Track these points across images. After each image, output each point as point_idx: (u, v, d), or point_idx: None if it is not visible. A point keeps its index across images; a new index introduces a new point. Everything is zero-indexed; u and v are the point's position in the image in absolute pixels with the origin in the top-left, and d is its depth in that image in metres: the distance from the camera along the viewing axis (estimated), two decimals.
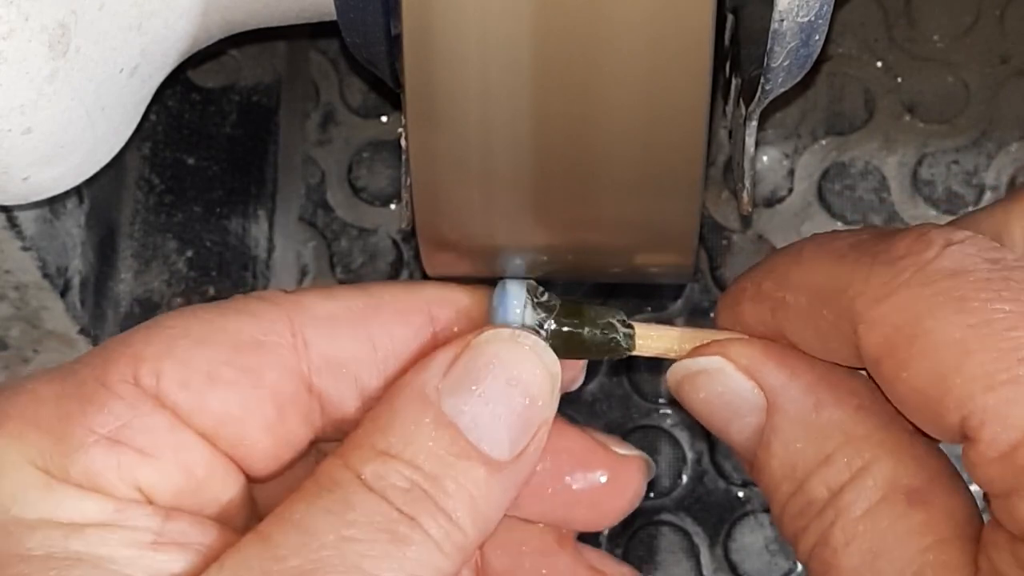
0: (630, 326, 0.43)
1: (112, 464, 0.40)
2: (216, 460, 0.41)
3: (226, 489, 0.42)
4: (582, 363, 0.45)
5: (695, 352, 0.43)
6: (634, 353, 0.44)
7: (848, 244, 0.41)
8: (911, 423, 0.40)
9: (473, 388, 0.40)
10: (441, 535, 0.39)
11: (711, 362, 0.42)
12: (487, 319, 0.43)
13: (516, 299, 0.42)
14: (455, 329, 0.43)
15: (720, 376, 0.42)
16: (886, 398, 0.40)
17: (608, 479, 0.45)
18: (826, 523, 0.40)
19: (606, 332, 0.43)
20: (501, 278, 0.44)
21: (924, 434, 0.40)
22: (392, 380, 0.42)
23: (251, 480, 0.43)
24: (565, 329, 0.43)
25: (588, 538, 0.57)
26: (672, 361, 0.43)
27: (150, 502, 0.40)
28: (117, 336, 0.42)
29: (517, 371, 0.41)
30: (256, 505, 0.43)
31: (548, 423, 0.42)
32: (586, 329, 0.43)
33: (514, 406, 0.41)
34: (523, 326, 0.42)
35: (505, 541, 0.44)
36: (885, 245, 0.40)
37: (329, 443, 0.44)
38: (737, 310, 0.44)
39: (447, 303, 0.43)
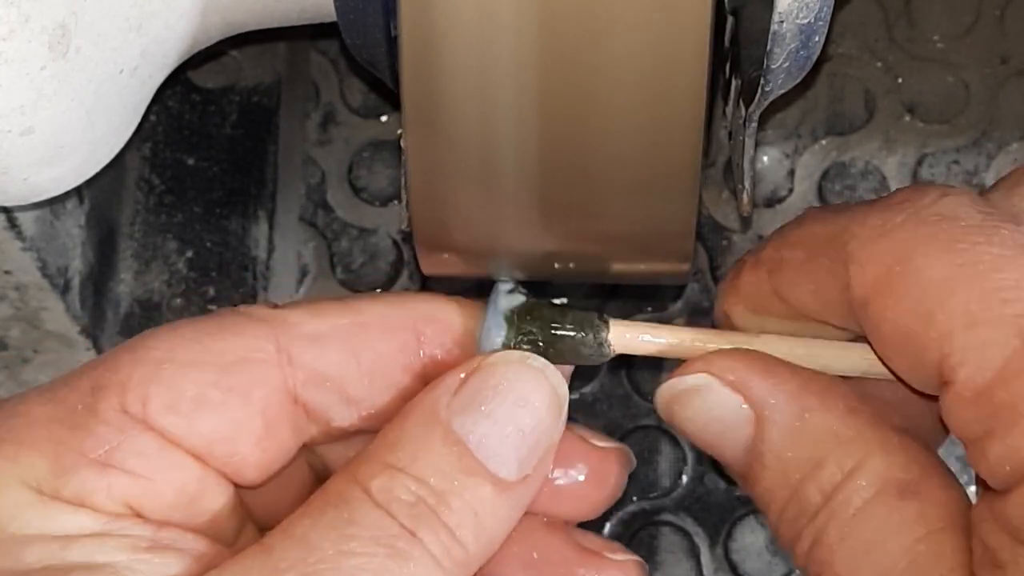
0: (604, 326, 0.44)
1: (103, 485, 0.40)
2: (208, 475, 0.42)
3: (217, 500, 0.42)
4: (569, 370, 0.45)
5: (679, 371, 0.43)
6: (625, 352, 0.44)
7: (847, 204, 0.42)
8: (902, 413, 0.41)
9: (482, 408, 0.41)
10: (441, 551, 0.39)
11: (696, 379, 0.42)
12: (476, 338, 0.43)
13: (499, 327, 0.43)
14: (442, 344, 0.43)
15: (707, 392, 0.42)
16: (869, 401, 0.41)
17: (588, 473, 0.45)
18: (821, 525, 0.40)
19: (587, 335, 0.44)
20: (495, 280, 0.44)
21: (911, 435, 0.41)
22: (378, 390, 0.43)
23: (241, 488, 0.43)
24: (555, 334, 0.44)
25: None
26: (670, 360, 0.44)
27: (140, 516, 0.41)
28: (104, 357, 0.42)
29: (525, 393, 0.41)
30: (247, 508, 0.43)
31: (555, 445, 0.42)
32: (574, 334, 0.44)
33: (522, 427, 0.41)
34: (512, 346, 0.43)
35: None
36: (882, 198, 0.41)
37: (319, 445, 0.44)
38: (735, 283, 0.44)
39: (433, 319, 0.44)
